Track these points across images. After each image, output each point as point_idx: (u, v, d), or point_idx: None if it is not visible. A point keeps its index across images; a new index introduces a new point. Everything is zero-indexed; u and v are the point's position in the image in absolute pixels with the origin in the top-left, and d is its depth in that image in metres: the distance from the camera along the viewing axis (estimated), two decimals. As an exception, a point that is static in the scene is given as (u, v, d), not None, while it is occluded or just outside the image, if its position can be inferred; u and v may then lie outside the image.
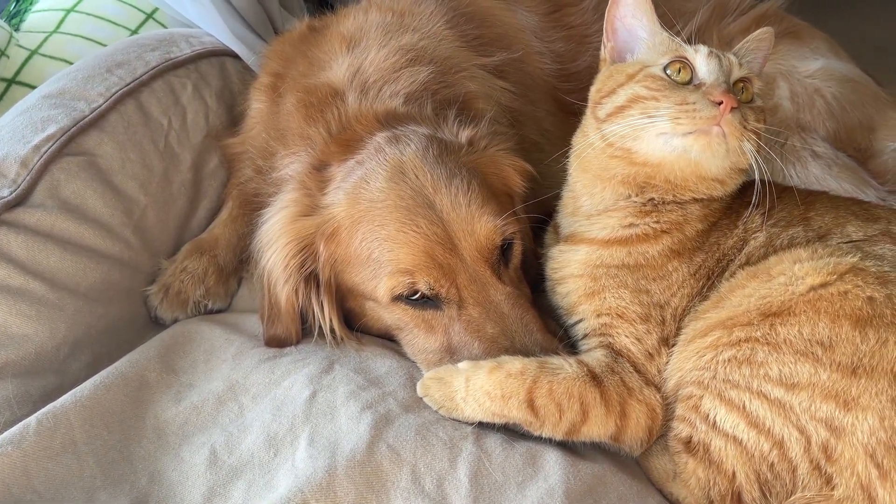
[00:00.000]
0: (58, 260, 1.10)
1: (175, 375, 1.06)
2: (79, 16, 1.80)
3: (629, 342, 0.96)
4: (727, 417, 0.87)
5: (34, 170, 1.13)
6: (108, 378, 1.01)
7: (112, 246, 1.18)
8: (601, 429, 0.92)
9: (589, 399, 0.91)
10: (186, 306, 1.22)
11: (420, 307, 1.04)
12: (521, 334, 1.01)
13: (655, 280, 0.97)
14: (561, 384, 0.91)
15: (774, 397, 0.85)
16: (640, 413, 0.93)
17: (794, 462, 0.85)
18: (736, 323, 0.89)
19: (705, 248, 0.99)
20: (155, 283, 1.24)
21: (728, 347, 0.88)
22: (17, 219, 1.09)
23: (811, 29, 1.59)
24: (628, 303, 0.97)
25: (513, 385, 0.91)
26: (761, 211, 0.98)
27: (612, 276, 0.99)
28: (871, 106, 1.45)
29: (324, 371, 1.03)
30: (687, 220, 0.99)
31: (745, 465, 0.87)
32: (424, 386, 0.98)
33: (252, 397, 1.02)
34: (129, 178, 1.24)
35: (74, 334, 1.09)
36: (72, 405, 0.96)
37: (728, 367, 0.88)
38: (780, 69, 1.45)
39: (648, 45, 1.02)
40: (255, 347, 1.11)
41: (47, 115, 1.21)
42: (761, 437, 0.85)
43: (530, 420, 0.92)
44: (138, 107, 1.31)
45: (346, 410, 0.96)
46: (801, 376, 0.84)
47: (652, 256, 0.98)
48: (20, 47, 1.67)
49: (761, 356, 0.86)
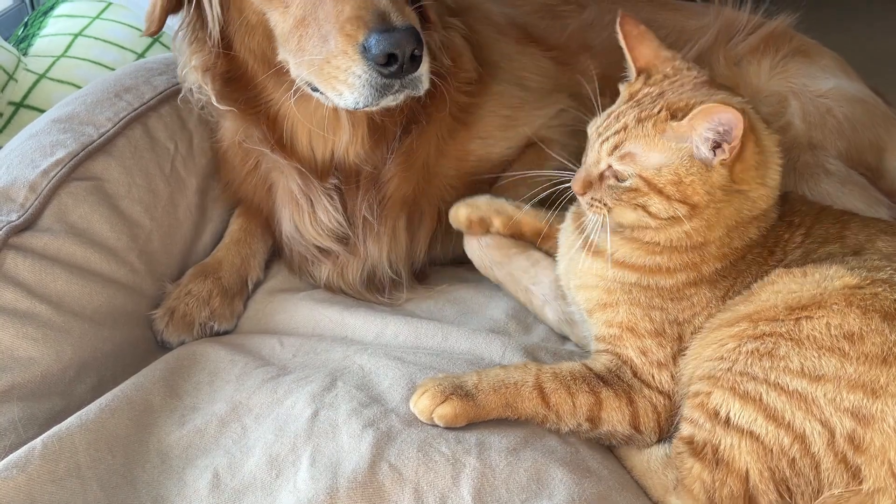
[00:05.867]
0: (64, 284, 1.11)
1: (179, 399, 1.06)
2: (86, 40, 1.83)
3: (634, 354, 0.98)
4: (742, 412, 0.85)
5: (42, 194, 1.14)
6: (113, 402, 1.01)
7: (118, 270, 1.19)
8: (618, 413, 0.95)
9: (595, 384, 0.96)
10: (192, 329, 1.22)
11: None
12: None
13: (673, 301, 0.97)
14: (564, 368, 0.97)
15: (794, 389, 0.83)
16: (647, 406, 0.96)
17: (818, 457, 0.82)
18: (762, 317, 0.89)
19: (732, 275, 0.98)
20: (160, 307, 1.24)
21: (751, 340, 0.88)
22: (25, 243, 1.10)
23: (820, 47, 1.59)
24: (639, 319, 0.98)
25: (520, 374, 0.97)
26: (802, 231, 0.99)
27: (625, 292, 0.99)
28: (881, 126, 1.45)
29: (326, 389, 1.02)
30: (704, 259, 0.97)
31: (760, 462, 0.84)
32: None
33: (255, 417, 1.02)
34: (136, 202, 1.25)
35: (80, 357, 1.09)
36: (77, 428, 0.96)
37: (748, 360, 0.87)
38: (792, 88, 1.45)
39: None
40: (258, 367, 1.11)
41: (56, 140, 1.22)
42: (781, 430, 0.83)
43: (545, 413, 0.95)
44: (145, 131, 1.32)
45: (348, 429, 0.95)
46: (826, 369, 0.83)
47: (666, 287, 0.97)
48: (28, 71, 1.69)
49: (783, 350, 0.85)
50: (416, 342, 1.16)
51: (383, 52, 0.98)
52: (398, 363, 1.07)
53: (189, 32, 1.17)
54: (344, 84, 1.02)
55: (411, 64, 1.01)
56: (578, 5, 1.60)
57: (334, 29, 1.01)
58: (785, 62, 1.50)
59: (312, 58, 1.05)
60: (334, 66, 1.02)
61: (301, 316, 1.26)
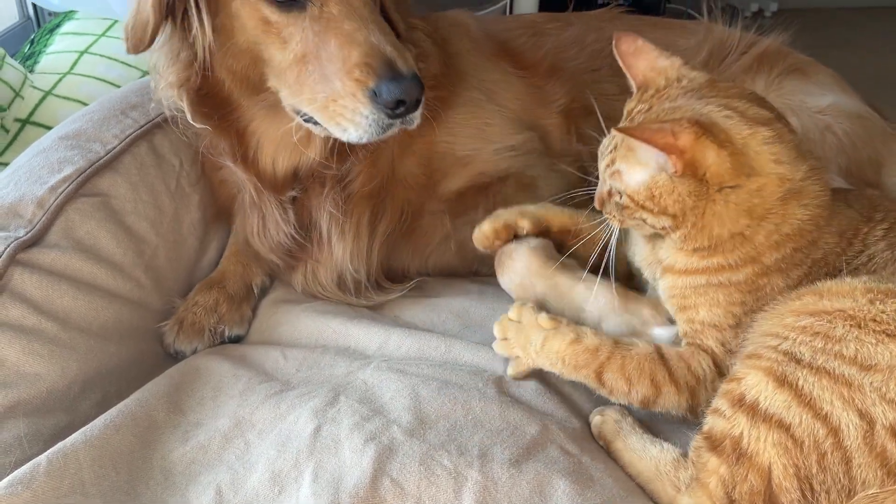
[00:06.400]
0: (71, 300, 1.11)
1: (182, 415, 1.07)
2: (92, 57, 1.85)
3: (714, 344, 0.99)
4: (775, 396, 0.82)
5: (50, 210, 1.15)
6: (117, 417, 1.02)
7: (124, 285, 1.20)
8: (674, 405, 0.97)
9: (659, 377, 0.97)
10: (203, 335, 1.24)
11: (285, 9, 1.07)
12: (375, 33, 1.06)
13: (750, 292, 0.97)
14: (633, 360, 0.98)
15: (840, 374, 0.80)
16: (709, 398, 0.95)
17: (850, 451, 0.78)
18: (833, 293, 0.88)
19: (804, 262, 0.96)
20: (169, 320, 1.26)
21: (809, 315, 0.86)
22: (33, 259, 1.11)
23: (816, 64, 1.59)
24: (721, 316, 0.98)
25: (586, 359, 0.99)
26: (885, 226, 0.99)
27: (701, 294, 0.99)
28: (880, 141, 1.45)
29: (328, 404, 1.03)
30: (759, 251, 0.96)
31: (786, 456, 0.80)
32: (502, 327, 1.06)
33: (258, 433, 1.02)
34: (142, 218, 1.26)
35: (85, 373, 1.10)
36: (81, 445, 0.96)
37: (799, 337, 0.84)
38: (790, 105, 1.44)
39: None
40: (262, 383, 1.11)
41: (63, 157, 1.23)
42: (817, 421, 0.79)
43: (598, 388, 0.99)
44: (151, 148, 1.34)
45: (350, 443, 0.95)
46: (880, 358, 0.80)
47: (737, 281, 0.97)
48: (35, 88, 1.71)
49: (840, 331, 0.83)
50: (420, 353, 1.16)
51: (394, 100, 1.05)
52: (400, 375, 1.07)
53: (170, 50, 1.16)
54: (350, 122, 1.07)
55: (414, 106, 1.08)
56: (565, 23, 1.61)
57: (341, 72, 1.05)
58: (780, 80, 1.50)
59: (315, 95, 1.08)
60: (341, 106, 1.07)
61: (304, 327, 1.26)
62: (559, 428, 0.99)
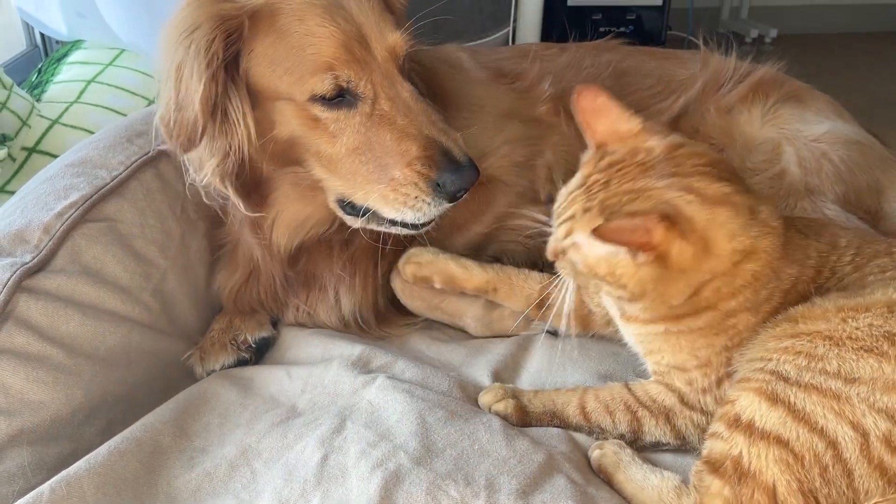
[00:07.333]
0: (77, 325, 1.11)
1: (189, 440, 1.06)
2: (99, 86, 1.86)
3: (681, 385, 1.02)
4: (770, 414, 0.83)
5: (56, 236, 1.15)
6: (122, 444, 1.01)
7: (131, 309, 1.20)
8: (658, 430, 1.03)
9: (631, 404, 1.04)
10: (226, 349, 1.27)
11: (335, 107, 1.11)
12: (426, 124, 1.12)
13: (717, 334, 0.97)
14: (605, 390, 1.07)
15: (827, 388, 0.82)
16: (688, 424, 1.02)
17: (850, 464, 0.79)
18: (807, 316, 0.90)
19: (774, 297, 0.97)
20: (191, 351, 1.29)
21: (789, 338, 0.88)
22: (38, 285, 1.11)
23: (812, 91, 1.60)
24: (686, 360, 1.00)
25: (568, 396, 1.09)
26: (852, 251, 1.00)
27: (664, 341, 1.00)
28: (879, 168, 1.45)
29: (335, 431, 1.02)
30: (718, 298, 0.95)
31: (789, 472, 0.81)
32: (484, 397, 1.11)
33: (264, 462, 1.01)
34: (149, 242, 1.27)
35: (90, 400, 1.09)
36: (85, 472, 0.95)
37: (783, 357, 0.86)
38: (785, 133, 1.45)
39: None
40: (269, 410, 1.11)
41: (70, 184, 1.24)
42: (814, 435, 0.81)
43: (586, 424, 1.06)
44: (157, 174, 1.34)
45: (357, 472, 0.95)
46: (863, 371, 0.82)
47: (698, 327, 0.97)
48: (41, 117, 1.72)
49: (821, 350, 0.85)
50: (425, 381, 1.15)
51: (458, 189, 1.11)
52: (407, 396, 1.07)
53: (208, 142, 1.14)
54: (410, 209, 1.13)
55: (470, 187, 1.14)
56: (561, 50, 1.63)
57: (400, 164, 1.10)
58: (776, 108, 1.51)
59: (370, 186, 1.12)
60: (402, 194, 1.11)
61: (312, 348, 1.27)
62: (564, 458, 0.99)
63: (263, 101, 1.13)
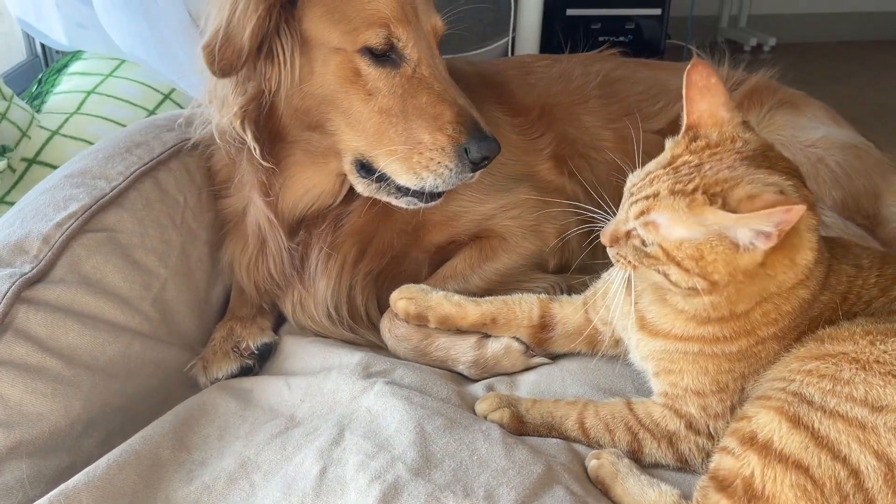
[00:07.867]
0: (76, 336, 1.11)
1: (188, 452, 1.05)
2: (99, 97, 1.87)
3: (694, 410, 0.99)
4: (791, 437, 0.80)
5: (56, 246, 1.15)
6: (121, 456, 1.00)
7: (131, 319, 1.20)
8: (659, 452, 1.00)
9: (632, 424, 1.02)
10: (228, 357, 1.28)
11: (380, 64, 1.16)
12: (457, 94, 1.19)
13: (741, 360, 0.95)
14: (605, 407, 1.05)
15: (854, 416, 0.79)
16: (692, 448, 0.99)
17: (872, 493, 0.77)
18: (834, 337, 0.88)
19: (801, 325, 0.94)
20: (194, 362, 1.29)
21: (813, 360, 0.85)
22: (38, 295, 1.10)
23: (807, 98, 1.61)
24: (707, 385, 0.97)
25: (566, 410, 1.07)
26: (876, 272, 0.98)
27: (691, 362, 0.98)
28: (876, 172, 1.45)
29: (333, 443, 1.02)
30: (756, 326, 0.94)
31: (805, 498, 0.78)
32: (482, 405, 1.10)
33: (263, 475, 1.01)
34: (150, 252, 1.27)
35: (89, 411, 1.09)
36: (84, 486, 0.95)
37: (806, 379, 0.83)
38: (780, 140, 1.44)
39: None
40: (268, 422, 1.10)
41: (69, 194, 1.24)
42: (837, 463, 0.78)
43: (584, 439, 1.04)
44: (156, 184, 1.35)
45: (356, 484, 0.94)
46: (890, 399, 0.79)
47: (730, 352, 0.95)
48: (41, 128, 1.73)
49: (847, 374, 0.82)
50: (423, 388, 1.15)
51: (481, 157, 1.17)
52: (406, 403, 1.06)
53: (239, 81, 1.17)
54: (432, 173, 1.17)
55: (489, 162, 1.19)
56: (553, 61, 1.65)
57: (431, 127, 1.15)
58: (771, 115, 1.52)
59: (395, 146, 1.15)
60: (426, 158, 1.16)
61: (310, 357, 1.27)
62: (563, 469, 0.98)
63: (311, 48, 1.16)
